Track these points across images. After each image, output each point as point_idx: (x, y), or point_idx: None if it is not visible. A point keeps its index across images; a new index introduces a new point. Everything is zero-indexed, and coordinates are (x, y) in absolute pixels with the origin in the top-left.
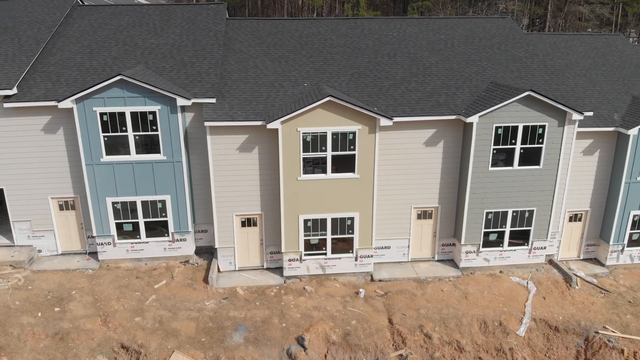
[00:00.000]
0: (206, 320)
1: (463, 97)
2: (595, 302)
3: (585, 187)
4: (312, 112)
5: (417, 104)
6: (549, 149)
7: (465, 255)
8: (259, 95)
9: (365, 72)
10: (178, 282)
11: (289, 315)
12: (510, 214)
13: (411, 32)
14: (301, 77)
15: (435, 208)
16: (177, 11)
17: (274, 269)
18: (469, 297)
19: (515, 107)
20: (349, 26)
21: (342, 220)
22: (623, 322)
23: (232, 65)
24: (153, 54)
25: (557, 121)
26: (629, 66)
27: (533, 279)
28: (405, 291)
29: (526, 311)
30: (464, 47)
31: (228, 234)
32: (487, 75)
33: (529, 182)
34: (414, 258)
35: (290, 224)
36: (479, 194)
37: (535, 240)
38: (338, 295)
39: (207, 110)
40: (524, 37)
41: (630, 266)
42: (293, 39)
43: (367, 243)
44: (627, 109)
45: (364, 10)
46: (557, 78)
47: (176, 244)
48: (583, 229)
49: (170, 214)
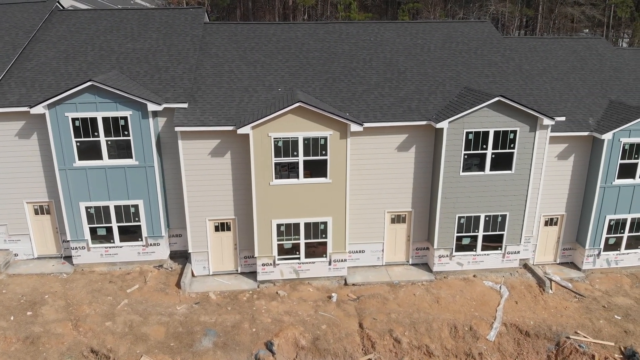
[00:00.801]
0: (176, 325)
1: (435, 103)
2: (568, 307)
3: (561, 191)
4: (283, 118)
5: (389, 109)
6: (521, 154)
7: (438, 259)
8: (231, 100)
9: (340, 77)
10: (151, 287)
11: (259, 320)
12: (482, 219)
13: (389, 37)
14: (276, 82)
15: (409, 212)
16: (155, 15)
17: (249, 273)
18: (441, 301)
19: (485, 112)
20: (327, 30)
21: (315, 224)
22: (595, 327)
23: (207, 70)
24: (128, 58)
25: (528, 126)
26: (607, 70)
27: (506, 283)
28: (378, 295)
29: (497, 316)
30: (440, 52)
31: (201, 239)
32: (461, 80)
33: (501, 187)
34: (388, 262)
35: (263, 229)
36: (450, 199)
37: (508, 244)
38: (311, 300)
39: (179, 116)
40: (501, 41)
41: (607, 270)
42: (270, 43)
43: (341, 247)
44: (603, 113)
45: (356, 12)
46: (531, 82)
47: (150, 249)
48: (559, 233)
49: (144, 218)
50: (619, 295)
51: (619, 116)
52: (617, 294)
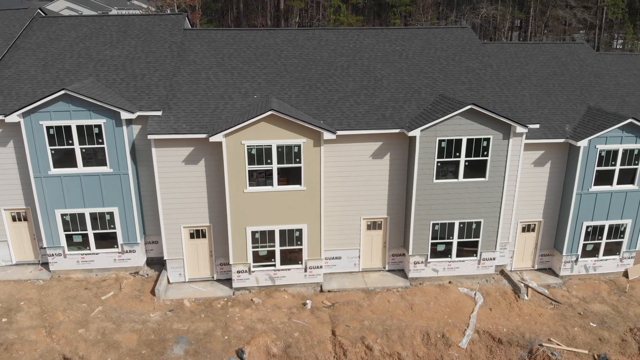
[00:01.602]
0: (149, 333)
1: (410, 110)
2: (543, 314)
3: (538, 198)
4: (256, 126)
5: (364, 117)
6: (495, 161)
7: (413, 265)
8: (206, 107)
9: (317, 84)
10: (126, 294)
11: (232, 328)
12: (457, 226)
13: (368, 43)
14: (252, 89)
15: (385, 219)
16: (135, 22)
17: (225, 280)
18: (415, 308)
19: (458, 120)
20: (307, 37)
21: (290, 231)
22: (570, 334)
23: (184, 77)
24: (106, 66)
25: (501, 134)
26: (588, 75)
27: (481, 289)
28: (353, 302)
29: (470, 323)
30: (418, 59)
31: (177, 246)
32: (437, 88)
33: (475, 194)
34: (365, 268)
35: (238, 236)
36: (424, 206)
37: (483, 251)
38: (285, 307)
39: (152, 123)
40: (480, 47)
41: (585, 277)
42: (249, 50)
43: (316, 254)
44: (581, 119)
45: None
46: (507, 89)
47: (126, 255)
48: (536, 239)
49: (119, 225)
50: (595, 302)
51: (595, 123)
52: (594, 301)
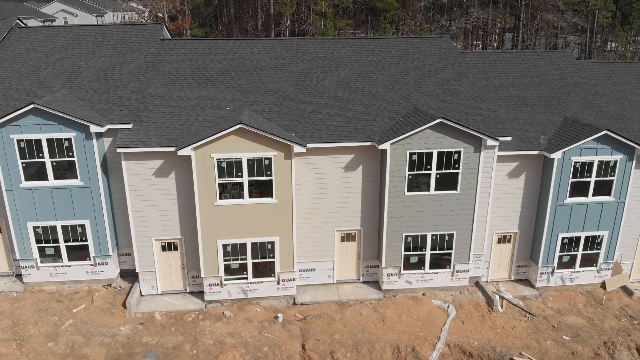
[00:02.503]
0: (117, 347)
1: (382, 123)
2: (516, 327)
3: (513, 209)
4: (226, 139)
5: (336, 129)
6: (466, 174)
7: (387, 277)
8: (177, 119)
9: (291, 95)
10: (97, 307)
11: (201, 342)
12: (429, 238)
13: (345, 54)
14: (225, 101)
15: (358, 231)
16: (112, 32)
17: (198, 292)
18: (387, 321)
19: (429, 133)
20: (284, 47)
21: (262, 244)
22: (542, 348)
23: (158, 88)
24: (79, 77)
25: (472, 147)
26: (567, 85)
27: (455, 302)
28: (325, 315)
29: (441, 336)
30: (394, 70)
31: (148, 258)
32: (411, 99)
33: (446, 207)
34: (339, 280)
35: (209, 249)
36: (396, 218)
37: (457, 263)
38: (256, 320)
39: (122, 136)
40: (458, 57)
41: (561, 288)
42: (225, 61)
43: (289, 267)
44: (556, 130)
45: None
46: (482, 101)
47: (98, 268)
48: (512, 250)
49: (90, 238)
50: (571, 315)
51: (570, 134)
52: (570, 313)
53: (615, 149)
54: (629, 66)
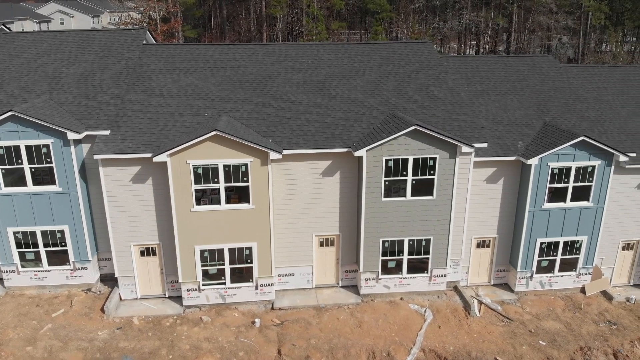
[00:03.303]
0: (94, 351)
1: (359, 129)
2: (492, 332)
3: (491, 214)
4: (202, 145)
5: (313, 136)
6: (442, 180)
7: (365, 282)
8: (155, 125)
9: (270, 101)
10: (76, 311)
11: (178, 347)
12: (407, 243)
13: (326, 59)
14: (204, 106)
15: (337, 236)
16: (95, 38)
17: (176, 297)
18: (363, 325)
19: (404, 140)
20: (266, 52)
21: (239, 250)
22: (517, 353)
23: (137, 94)
24: (60, 84)
25: (448, 153)
26: (548, 90)
27: (432, 306)
28: (302, 320)
29: (417, 341)
30: (374, 76)
31: (127, 263)
32: (389, 106)
33: (423, 212)
34: (318, 284)
35: (186, 255)
36: (374, 224)
37: (434, 268)
38: (234, 325)
39: (99, 143)
40: (439, 63)
41: (540, 293)
42: (206, 66)
43: (267, 272)
44: (535, 136)
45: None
46: (460, 107)
47: (78, 272)
48: (492, 255)
49: (70, 243)
50: (548, 319)
51: (548, 140)
52: (547, 318)
53: (593, 155)
54: (613, 70)
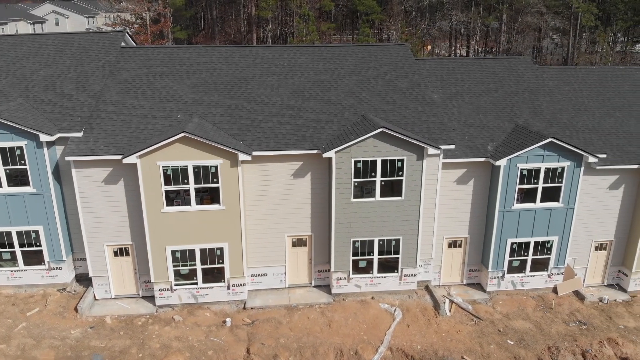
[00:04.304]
0: (66, 349)
1: (330, 131)
2: (461, 331)
3: (462, 214)
4: (171, 147)
5: (284, 137)
6: (410, 181)
7: (336, 281)
8: (127, 127)
9: (243, 103)
10: (50, 310)
11: (148, 346)
12: (377, 243)
13: (302, 62)
14: (177, 108)
15: (309, 236)
16: (74, 40)
17: (150, 297)
18: (333, 324)
19: (372, 142)
20: (243, 54)
21: (211, 250)
22: (485, 352)
23: (112, 96)
24: (37, 86)
25: (415, 155)
26: (523, 92)
27: (402, 305)
28: (273, 319)
29: (385, 339)
30: (348, 78)
31: (101, 263)
32: (361, 108)
33: (392, 213)
34: (291, 284)
35: (158, 255)
36: (344, 224)
37: (404, 267)
38: (205, 325)
39: (71, 145)
40: (414, 65)
41: (512, 292)
42: (182, 68)
43: (239, 272)
44: (506, 137)
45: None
46: (430, 109)
47: (53, 272)
48: (464, 255)
49: (44, 243)
50: (518, 319)
51: (517, 142)
52: (518, 317)
53: (563, 156)
54: (590, 71)
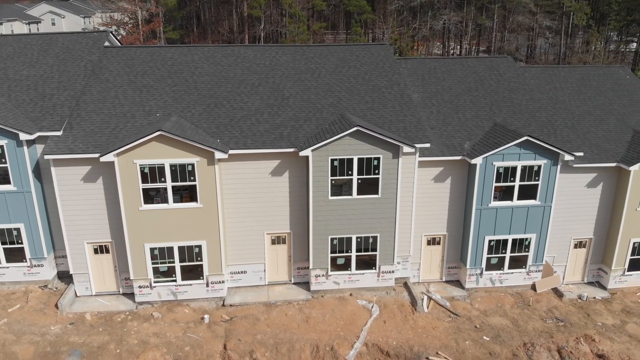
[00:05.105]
0: (45, 345)
1: (308, 130)
2: (437, 327)
3: (440, 212)
4: (148, 145)
5: (262, 136)
6: (386, 179)
7: (315, 278)
8: (107, 126)
9: (223, 102)
10: (31, 307)
11: (126, 341)
12: (354, 240)
13: (284, 61)
14: (157, 107)
15: (288, 233)
16: (58, 40)
17: (130, 294)
18: (310, 321)
19: (348, 141)
20: (224, 54)
21: (189, 248)
22: (460, 347)
23: (93, 96)
24: (19, 86)
25: (391, 153)
26: (503, 90)
27: (380, 302)
28: (251, 316)
29: (361, 335)
30: (329, 77)
31: (81, 261)
32: (340, 107)
33: (369, 210)
34: (271, 281)
35: (137, 253)
36: (322, 222)
37: (382, 264)
38: (183, 321)
39: (50, 143)
40: (394, 65)
41: (491, 289)
42: (164, 67)
43: (217, 270)
44: (483, 136)
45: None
46: (407, 108)
47: (35, 269)
48: (443, 252)
49: (26, 240)
50: (496, 315)
51: (494, 140)
52: (495, 314)
53: (539, 154)
54: (573, 70)
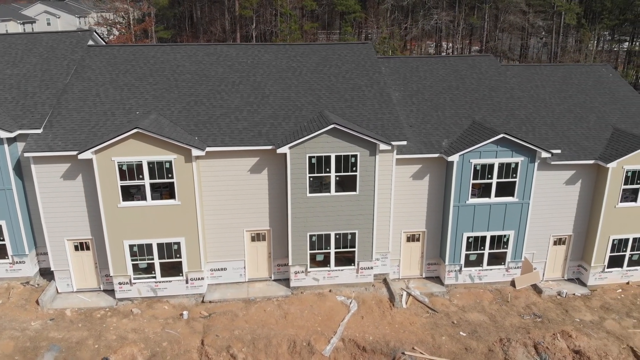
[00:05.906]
0: (25, 340)
1: (286, 127)
2: (414, 323)
3: (419, 209)
4: (125, 143)
5: (240, 133)
6: (364, 176)
7: (294, 275)
8: (87, 124)
9: (203, 100)
10: (13, 303)
11: (105, 337)
12: (333, 237)
13: (266, 59)
14: (137, 105)
15: (268, 230)
16: (43, 40)
17: (111, 290)
18: (288, 317)
19: (325, 138)
20: (207, 52)
21: (168, 245)
22: (436, 343)
23: (74, 94)
24: (2, 85)
25: (368, 150)
26: (483, 89)
27: (358, 298)
28: (229, 312)
29: (338, 331)
30: (310, 76)
31: (62, 258)
32: (319, 105)
33: (347, 207)
34: (251, 278)
35: (116, 249)
36: (300, 218)
37: (361, 260)
38: (162, 318)
39: (30, 141)
40: (375, 64)
41: (470, 286)
42: (146, 66)
43: (197, 266)
44: (461, 134)
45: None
46: (386, 107)
47: (16, 266)
48: (422, 248)
49: (7, 238)
50: (474, 311)
51: (471, 138)
52: (473, 310)
53: (516, 152)
54: (555, 69)
